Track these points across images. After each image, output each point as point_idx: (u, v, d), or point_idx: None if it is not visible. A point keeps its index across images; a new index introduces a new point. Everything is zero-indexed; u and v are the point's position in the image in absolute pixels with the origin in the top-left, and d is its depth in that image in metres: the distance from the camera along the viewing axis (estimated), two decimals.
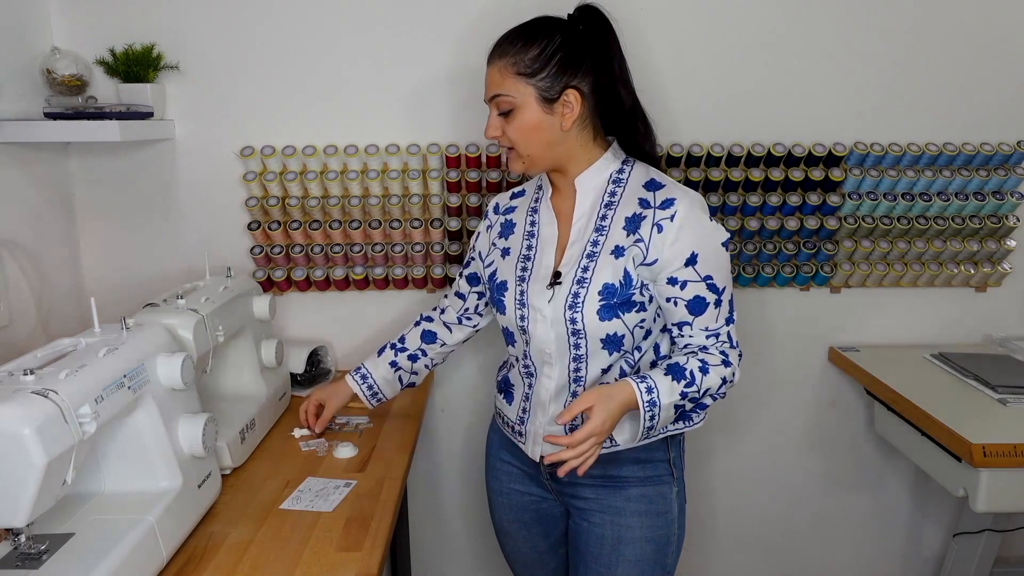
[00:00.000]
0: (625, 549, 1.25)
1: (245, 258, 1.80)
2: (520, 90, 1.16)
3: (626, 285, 1.15)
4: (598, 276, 1.16)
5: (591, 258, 1.18)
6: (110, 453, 1.09)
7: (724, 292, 1.17)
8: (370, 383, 1.47)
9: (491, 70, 1.19)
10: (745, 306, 1.88)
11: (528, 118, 1.17)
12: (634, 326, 1.17)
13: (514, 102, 1.16)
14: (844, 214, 1.77)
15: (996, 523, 1.83)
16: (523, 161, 1.21)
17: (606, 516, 1.26)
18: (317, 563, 1.07)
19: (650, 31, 1.69)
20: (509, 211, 1.36)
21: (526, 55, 1.15)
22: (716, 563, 2.10)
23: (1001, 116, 1.77)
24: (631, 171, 1.23)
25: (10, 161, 1.55)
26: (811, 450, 2.00)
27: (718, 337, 1.18)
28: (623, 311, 1.16)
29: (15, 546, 0.94)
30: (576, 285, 1.18)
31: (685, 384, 1.14)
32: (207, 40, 1.68)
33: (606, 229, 1.19)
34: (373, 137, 1.73)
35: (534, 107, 1.16)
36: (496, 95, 1.18)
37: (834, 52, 1.72)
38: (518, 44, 1.16)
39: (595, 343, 1.18)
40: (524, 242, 1.29)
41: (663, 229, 1.14)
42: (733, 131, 1.75)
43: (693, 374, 1.15)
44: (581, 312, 1.16)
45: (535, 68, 1.15)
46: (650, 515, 1.25)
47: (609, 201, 1.21)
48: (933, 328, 1.92)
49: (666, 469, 1.27)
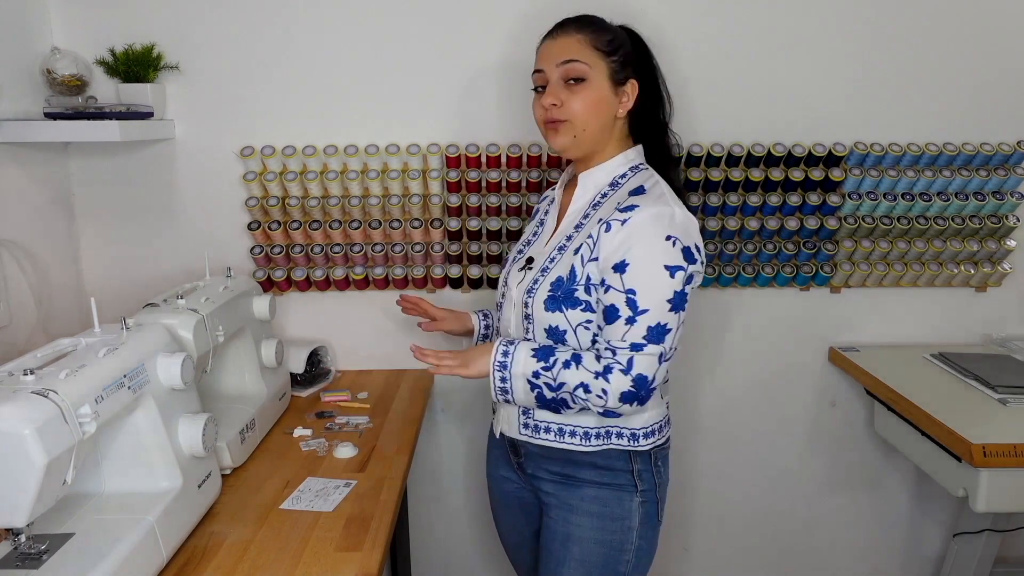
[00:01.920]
0: (573, 547, 1.24)
1: (245, 258, 1.80)
2: (596, 63, 1.19)
3: (570, 279, 1.17)
4: (556, 269, 1.20)
5: (560, 251, 1.21)
6: (110, 453, 1.09)
7: (643, 314, 1.09)
8: (488, 322, 1.49)
9: (565, 40, 1.21)
10: (745, 306, 1.89)
11: (598, 91, 1.19)
12: (577, 324, 1.17)
13: (589, 72, 1.18)
14: (844, 214, 1.77)
15: (996, 523, 1.83)
16: (575, 135, 1.21)
17: (560, 512, 1.26)
18: (317, 563, 1.07)
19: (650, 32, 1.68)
20: (542, 200, 1.42)
21: (603, 36, 1.20)
22: (715, 562, 2.10)
23: (1001, 116, 1.77)
24: (632, 176, 1.23)
25: (10, 161, 1.55)
26: (811, 450, 2.00)
27: (614, 354, 1.11)
28: (566, 305, 1.17)
29: (15, 546, 0.94)
30: (540, 273, 1.22)
31: (543, 365, 1.14)
32: (207, 40, 1.68)
33: (583, 227, 1.21)
34: (373, 137, 1.73)
35: (605, 83, 1.19)
36: (571, 59, 1.19)
37: (834, 52, 1.72)
38: (592, 25, 1.21)
39: (540, 332, 1.21)
40: (533, 229, 1.35)
41: (610, 228, 1.14)
42: (733, 131, 1.75)
43: (556, 361, 1.13)
44: (533, 298, 1.20)
45: (611, 49, 1.20)
46: (603, 518, 1.23)
47: (598, 202, 1.23)
48: (933, 328, 1.92)
49: (627, 479, 1.23)
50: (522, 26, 1.64)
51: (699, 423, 1.96)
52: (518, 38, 1.64)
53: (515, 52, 1.66)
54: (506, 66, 1.68)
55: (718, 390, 1.95)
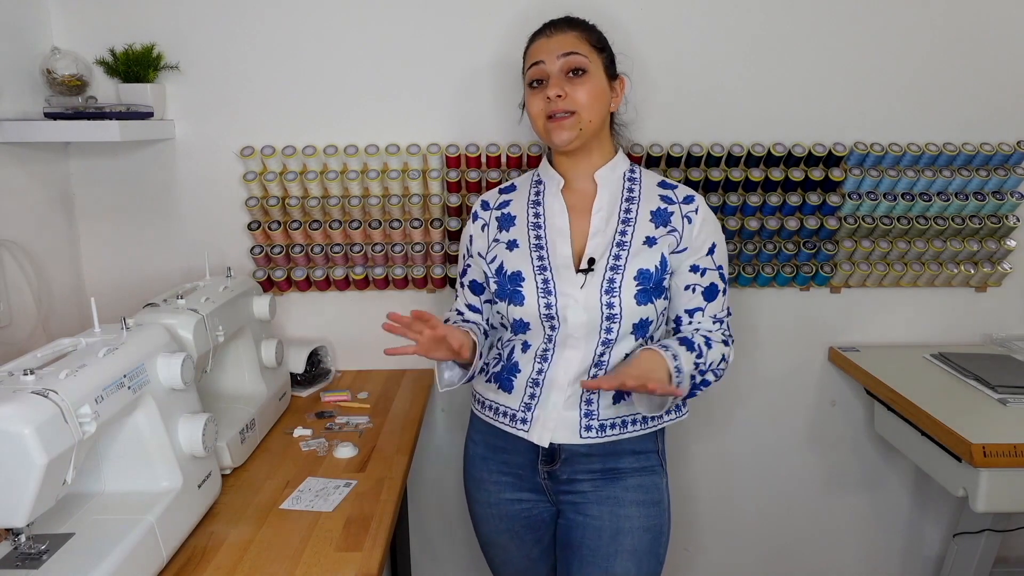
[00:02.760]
0: (624, 539, 1.25)
1: (245, 258, 1.80)
2: (594, 57, 1.24)
3: (661, 270, 1.24)
4: (632, 263, 1.23)
5: (622, 247, 1.24)
6: (110, 453, 1.09)
7: (728, 284, 1.29)
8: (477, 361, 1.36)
9: (562, 36, 1.24)
10: (745, 306, 1.88)
11: (598, 83, 1.24)
12: (661, 311, 1.26)
13: (589, 65, 1.22)
14: (844, 214, 1.77)
15: (996, 523, 1.83)
16: (580, 127, 1.23)
17: (604, 507, 1.26)
18: (317, 563, 1.07)
19: (650, 31, 1.69)
20: (503, 205, 1.35)
21: (594, 33, 1.27)
22: (715, 562, 2.10)
23: (1001, 116, 1.77)
24: (640, 171, 1.33)
25: (10, 161, 1.55)
26: (811, 450, 2.00)
27: (722, 324, 1.29)
28: (656, 296, 1.23)
29: (15, 546, 0.94)
30: (610, 272, 1.23)
31: (696, 355, 1.21)
32: (207, 40, 1.68)
33: (632, 221, 1.26)
34: (373, 137, 1.73)
35: (602, 76, 1.25)
36: (572, 52, 1.22)
37: (834, 52, 1.72)
38: (585, 24, 1.27)
39: (627, 327, 1.23)
40: (531, 232, 1.29)
41: (692, 220, 1.26)
42: (733, 131, 1.75)
43: (700, 346, 1.23)
44: (619, 297, 1.21)
45: (603, 45, 1.27)
46: (647, 504, 1.27)
47: (629, 196, 1.29)
48: (933, 328, 1.92)
49: (656, 460, 1.31)
50: (521, 25, 1.64)
51: (698, 423, 1.96)
52: (517, 37, 1.63)
53: (515, 51, 1.65)
54: (506, 65, 1.68)
55: (718, 390, 1.94)
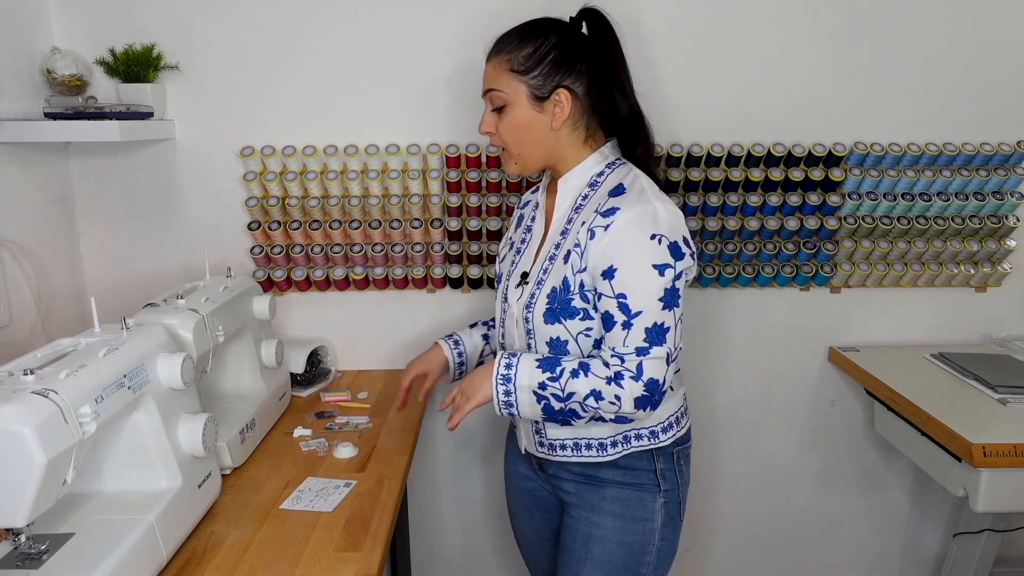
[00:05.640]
0: (595, 547, 1.25)
1: (245, 258, 1.80)
2: (512, 87, 1.17)
3: (564, 290, 1.15)
4: (550, 280, 1.18)
5: (551, 260, 1.19)
6: (110, 453, 1.09)
7: (637, 317, 1.08)
8: (461, 350, 1.43)
9: (487, 66, 1.22)
10: (745, 306, 1.88)
11: (519, 115, 1.18)
12: (577, 333, 1.16)
13: (506, 98, 1.18)
14: (844, 214, 1.77)
15: (996, 523, 1.83)
16: (515, 161, 1.23)
17: (583, 512, 1.27)
18: (317, 563, 1.07)
19: (650, 31, 1.69)
20: (524, 205, 1.39)
21: (520, 53, 1.17)
22: (715, 562, 2.10)
23: (1001, 116, 1.77)
24: (609, 175, 1.20)
25: (10, 161, 1.55)
26: (811, 450, 2.00)
27: (623, 361, 1.09)
28: (564, 316, 1.15)
29: (15, 546, 0.94)
30: (535, 286, 1.20)
31: (549, 376, 1.11)
32: (207, 40, 1.68)
33: (568, 233, 1.18)
34: (373, 137, 1.73)
35: (525, 105, 1.18)
36: (489, 90, 1.20)
37: (834, 52, 1.72)
38: (513, 42, 1.18)
39: (543, 346, 1.19)
40: (520, 236, 1.32)
41: (595, 236, 1.12)
42: (733, 131, 1.75)
43: (563, 371, 1.11)
44: (532, 312, 1.19)
45: (528, 66, 1.16)
46: (625, 519, 1.23)
47: (580, 204, 1.20)
48: (933, 328, 1.92)
49: (650, 479, 1.23)
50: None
51: (698, 423, 1.95)
52: None
53: None
54: None
55: (718, 390, 1.95)
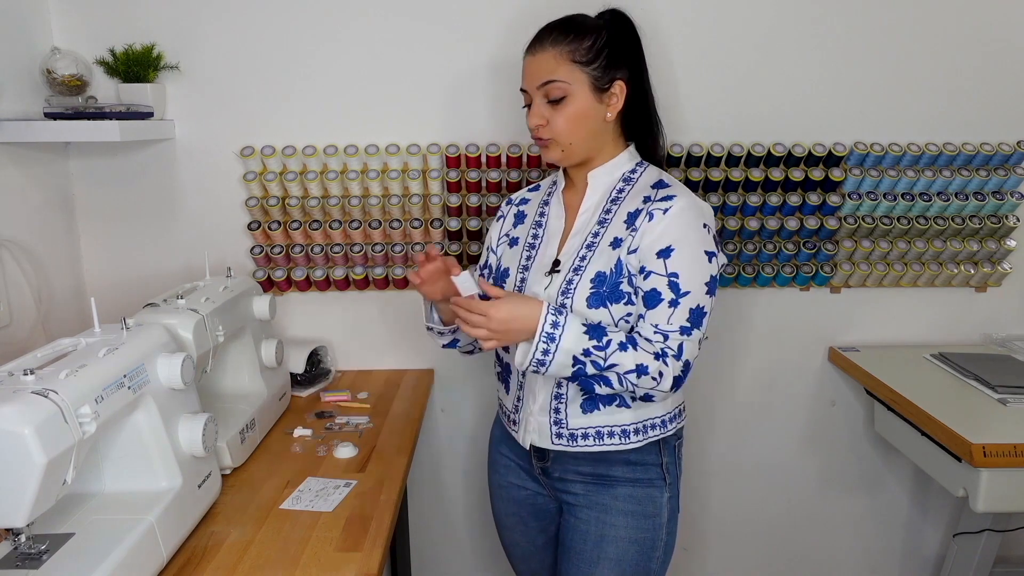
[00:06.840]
0: (608, 547, 1.25)
1: (245, 258, 1.80)
2: (576, 77, 1.18)
3: (616, 273, 1.16)
4: (592, 265, 1.18)
5: (590, 248, 1.20)
6: (110, 453, 1.09)
7: (685, 296, 1.13)
8: None
9: (542, 57, 1.20)
10: (745, 306, 1.88)
11: (580, 105, 1.19)
12: (619, 318, 1.17)
13: (568, 89, 1.18)
14: (844, 214, 1.77)
15: (996, 523, 1.83)
16: (562, 149, 1.22)
17: (592, 512, 1.27)
18: (317, 563, 1.07)
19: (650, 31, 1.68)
20: (523, 203, 1.39)
21: (581, 44, 1.18)
22: (715, 562, 2.10)
23: (1001, 116, 1.77)
24: (644, 172, 1.26)
25: (10, 161, 1.55)
26: (811, 450, 2.00)
27: (666, 339, 1.13)
28: (611, 300, 1.16)
29: (15, 546, 0.94)
30: (572, 273, 1.20)
31: (595, 344, 1.10)
32: (207, 40, 1.68)
33: (608, 222, 1.21)
34: (373, 137, 1.73)
35: (587, 94, 1.19)
36: (550, 81, 1.19)
37: (834, 52, 1.72)
38: (571, 35, 1.19)
39: None
40: (530, 231, 1.32)
41: (653, 218, 1.15)
42: (733, 131, 1.75)
43: (610, 342, 1.10)
44: (572, 298, 1.18)
45: (590, 57, 1.18)
46: (637, 516, 1.25)
47: (616, 197, 1.24)
48: (933, 328, 1.92)
49: (658, 473, 1.26)
50: (521, 25, 1.63)
51: (698, 423, 1.96)
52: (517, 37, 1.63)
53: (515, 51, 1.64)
54: (506, 65, 1.68)
55: (718, 390, 1.95)
